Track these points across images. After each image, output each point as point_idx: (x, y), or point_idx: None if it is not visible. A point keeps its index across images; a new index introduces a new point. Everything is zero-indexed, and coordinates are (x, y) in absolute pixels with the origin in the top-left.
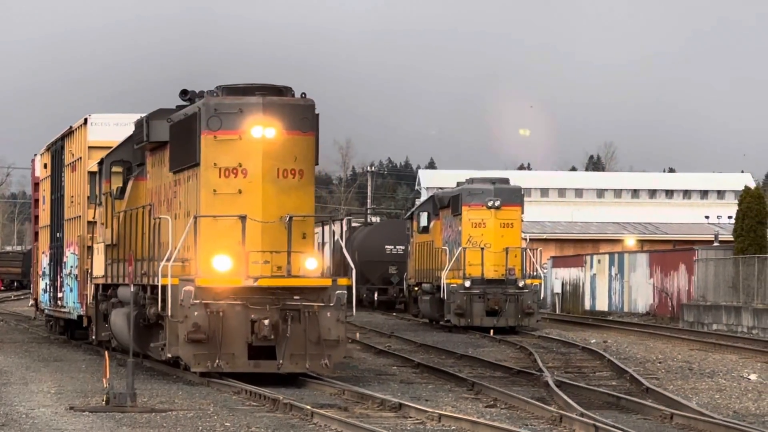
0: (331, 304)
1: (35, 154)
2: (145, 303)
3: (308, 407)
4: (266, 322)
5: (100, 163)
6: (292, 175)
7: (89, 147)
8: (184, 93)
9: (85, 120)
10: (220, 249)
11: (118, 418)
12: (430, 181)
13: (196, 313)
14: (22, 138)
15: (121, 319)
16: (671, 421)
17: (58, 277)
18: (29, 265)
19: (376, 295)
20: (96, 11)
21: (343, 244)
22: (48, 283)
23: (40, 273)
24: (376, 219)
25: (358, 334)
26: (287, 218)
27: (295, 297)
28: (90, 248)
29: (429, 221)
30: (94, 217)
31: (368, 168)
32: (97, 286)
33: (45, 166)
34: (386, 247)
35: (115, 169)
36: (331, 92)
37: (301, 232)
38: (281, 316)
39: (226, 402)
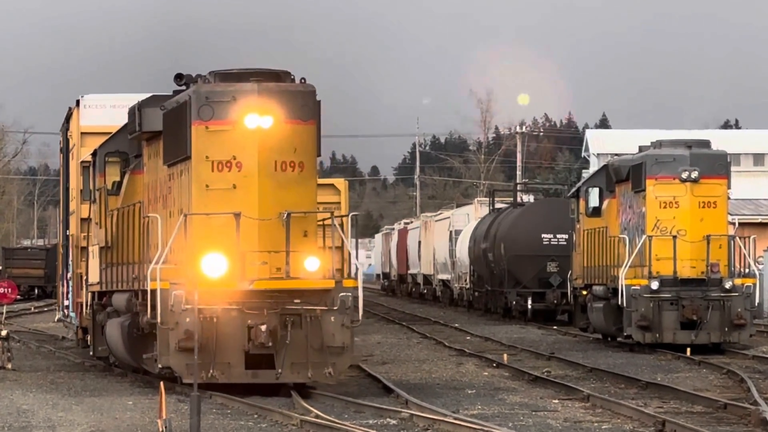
0: (335, 308)
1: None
2: (137, 310)
3: None
4: (263, 328)
5: (94, 154)
6: (292, 168)
7: (81, 133)
8: (179, 77)
9: (77, 102)
10: (214, 249)
11: None
12: (602, 145)
13: (187, 320)
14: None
15: (116, 330)
16: None
17: (65, 281)
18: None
19: (529, 301)
20: None
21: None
22: (62, 288)
23: (59, 276)
24: (528, 198)
25: (506, 356)
26: (285, 215)
27: (296, 300)
28: (84, 249)
29: (601, 200)
30: (89, 215)
31: (517, 128)
32: (93, 293)
33: (60, 150)
34: (543, 236)
35: (110, 160)
36: (469, 35)
37: (302, 229)
38: (280, 322)
39: None
